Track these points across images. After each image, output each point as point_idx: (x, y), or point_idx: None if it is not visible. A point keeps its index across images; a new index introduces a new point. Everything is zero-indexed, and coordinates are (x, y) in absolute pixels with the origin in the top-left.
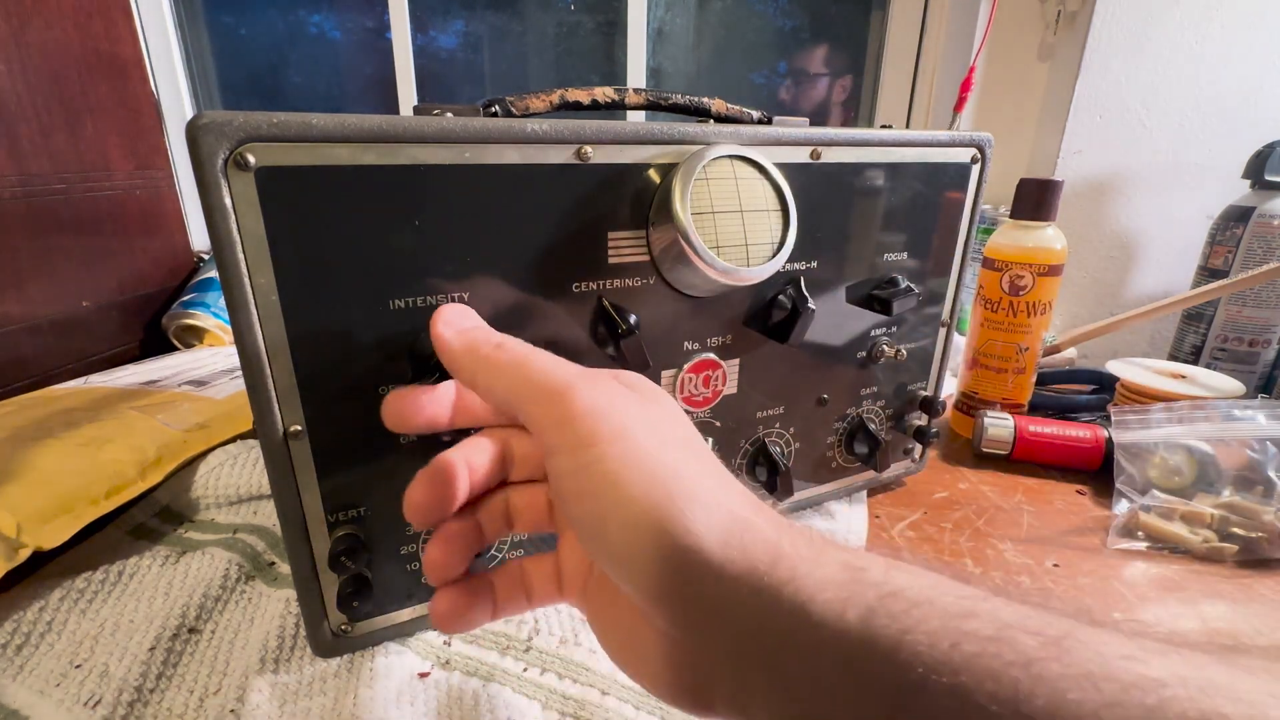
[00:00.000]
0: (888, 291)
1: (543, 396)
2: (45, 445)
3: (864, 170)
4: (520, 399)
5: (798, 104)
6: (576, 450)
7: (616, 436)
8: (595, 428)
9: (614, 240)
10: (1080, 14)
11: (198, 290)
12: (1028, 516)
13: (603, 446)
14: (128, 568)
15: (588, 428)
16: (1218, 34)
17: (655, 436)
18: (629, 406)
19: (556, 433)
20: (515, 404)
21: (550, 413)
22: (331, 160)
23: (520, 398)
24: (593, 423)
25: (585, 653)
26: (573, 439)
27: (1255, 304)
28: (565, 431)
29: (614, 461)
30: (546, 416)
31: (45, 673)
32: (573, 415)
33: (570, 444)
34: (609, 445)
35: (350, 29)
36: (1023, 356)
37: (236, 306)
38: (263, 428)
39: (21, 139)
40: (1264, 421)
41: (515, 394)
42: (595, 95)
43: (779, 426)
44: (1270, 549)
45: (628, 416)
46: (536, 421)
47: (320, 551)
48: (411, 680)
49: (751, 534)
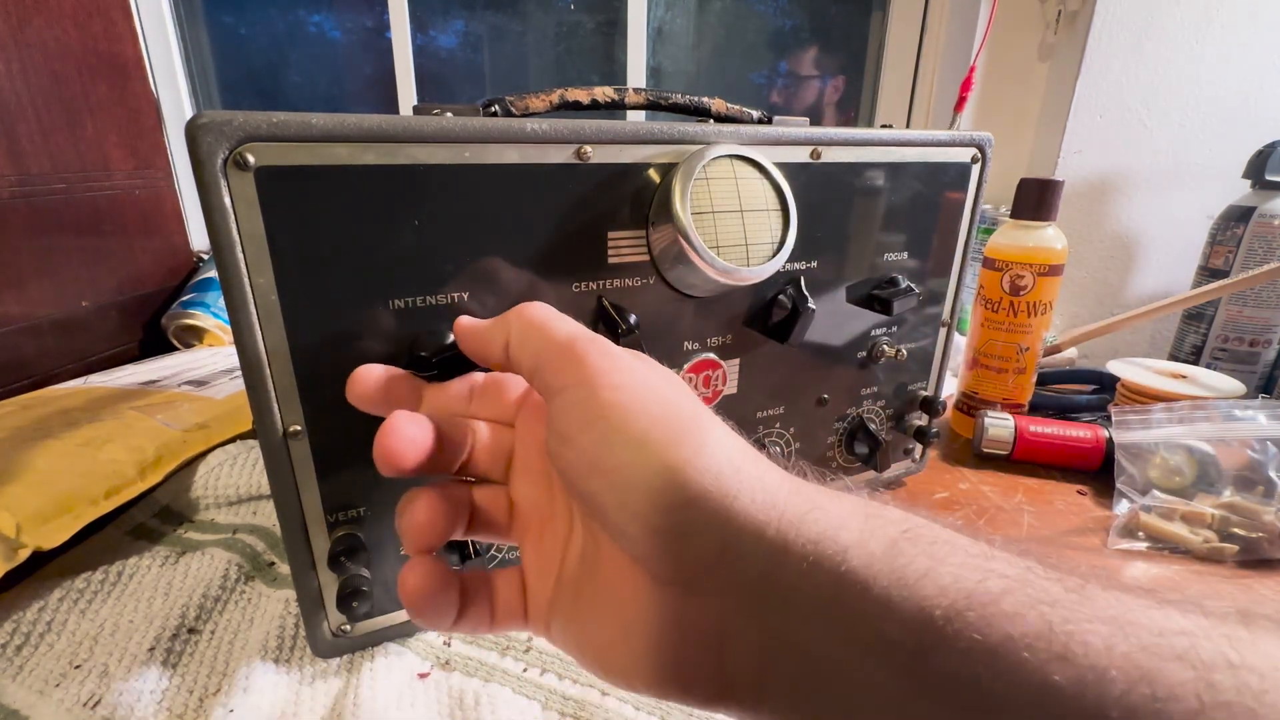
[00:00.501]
0: (888, 291)
1: (559, 347)
2: (45, 445)
3: (864, 170)
4: (540, 355)
5: (800, 103)
6: (585, 382)
7: (627, 370)
8: (608, 364)
9: (614, 240)
10: (1080, 14)
11: (197, 290)
12: (1028, 517)
13: (613, 376)
14: (127, 568)
15: (599, 363)
16: (1218, 34)
17: (663, 378)
18: (637, 357)
19: (570, 371)
20: (538, 361)
21: (564, 355)
22: (331, 160)
23: (540, 354)
24: (605, 360)
25: None
26: (583, 374)
27: (1256, 304)
28: (577, 369)
29: (625, 391)
30: (560, 359)
31: (45, 673)
32: (586, 353)
33: (580, 379)
34: (620, 375)
35: (350, 29)
36: (1023, 356)
37: (236, 306)
38: (262, 428)
39: (21, 139)
40: (1264, 421)
41: (538, 352)
42: (595, 95)
43: (779, 426)
44: (1271, 549)
45: (638, 359)
46: (550, 369)
47: (320, 551)
48: (411, 680)
49: (763, 465)
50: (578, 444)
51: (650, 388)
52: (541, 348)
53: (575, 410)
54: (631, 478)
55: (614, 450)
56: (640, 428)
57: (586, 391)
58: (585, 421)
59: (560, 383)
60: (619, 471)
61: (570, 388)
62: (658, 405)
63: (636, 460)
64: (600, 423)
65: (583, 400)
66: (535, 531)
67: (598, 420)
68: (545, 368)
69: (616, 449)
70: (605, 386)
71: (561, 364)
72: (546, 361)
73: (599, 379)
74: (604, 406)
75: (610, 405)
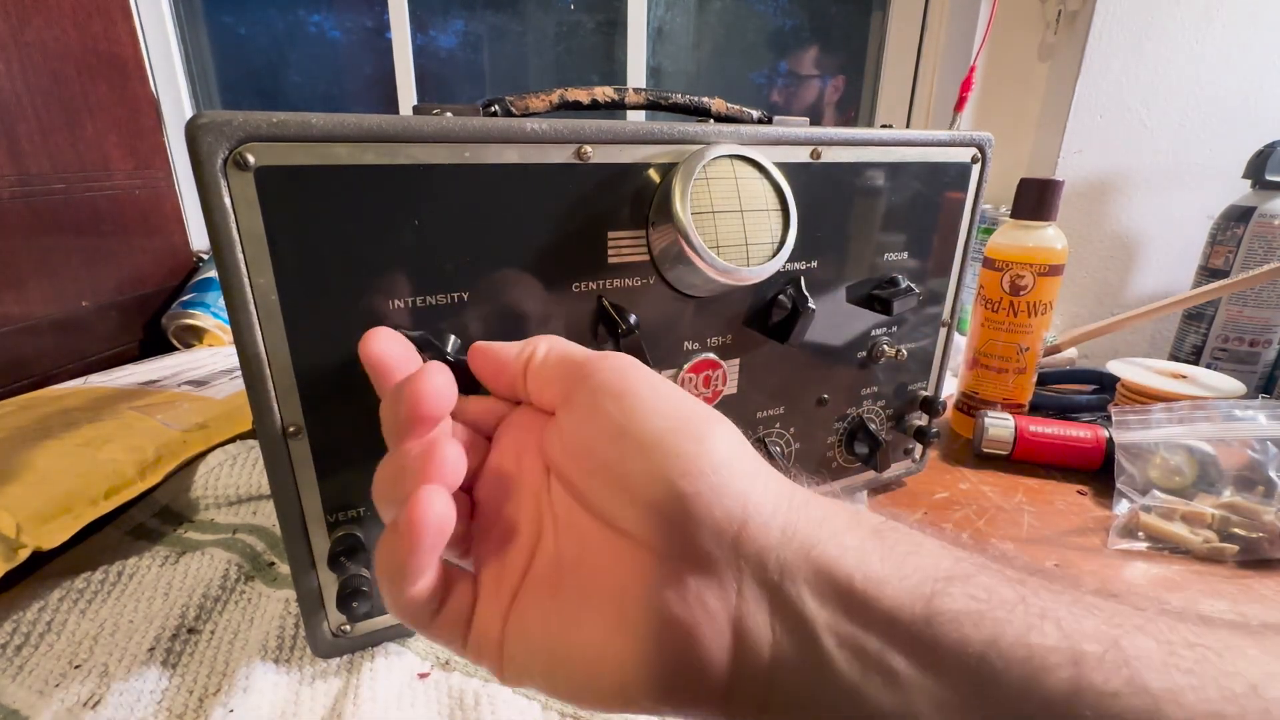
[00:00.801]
0: (888, 291)
1: (571, 368)
2: (45, 445)
3: (864, 170)
4: (565, 367)
5: (800, 102)
6: (604, 387)
7: (645, 378)
8: (629, 363)
9: (614, 240)
10: (1080, 14)
11: (197, 290)
12: (1028, 517)
13: (633, 371)
14: (127, 568)
15: (620, 361)
16: (1218, 34)
17: (677, 389)
18: (650, 370)
19: (597, 369)
20: (563, 371)
21: (576, 373)
22: (331, 160)
23: (565, 366)
24: (624, 361)
25: None
26: (604, 371)
27: (1256, 304)
28: (595, 377)
29: (644, 384)
30: (573, 376)
31: (45, 673)
32: (600, 368)
33: (604, 372)
34: (639, 372)
35: (350, 29)
36: (1023, 356)
37: (236, 306)
38: (262, 427)
39: (21, 139)
40: (1264, 421)
41: (557, 381)
42: (595, 95)
43: (779, 426)
44: (1271, 549)
45: (652, 373)
46: (563, 387)
47: (320, 551)
48: (411, 680)
49: (770, 471)
50: (603, 416)
51: (670, 391)
52: (567, 362)
53: (605, 389)
54: (663, 440)
55: (643, 418)
56: (669, 409)
57: (614, 376)
58: (614, 395)
59: (588, 383)
60: (647, 435)
61: (596, 374)
62: (678, 403)
63: (666, 426)
64: (628, 397)
65: (607, 384)
66: (494, 542)
67: (625, 395)
68: (570, 376)
69: (642, 417)
70: (630, 377)
71: (590, 368)
72: (572, 372)
73: (625, 371)
74: (633, 383)
75: (637, 381)
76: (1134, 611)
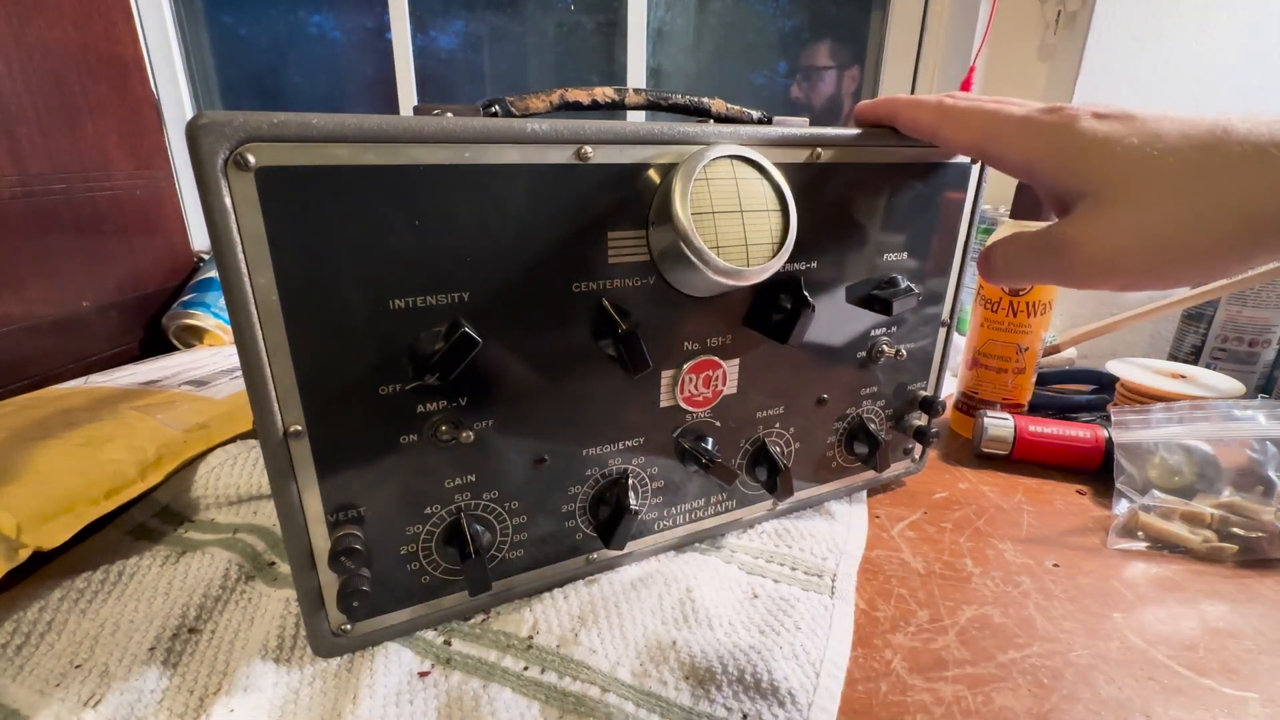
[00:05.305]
0: (888, 291)
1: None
2: (45, 445)
3: (864, 170)
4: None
5: (808, 101)
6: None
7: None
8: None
9: (614, 240)
10: (1080, 14)
11: (198, 290)
12: (1028, 516)
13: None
14: (128, 568)
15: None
16: (1218, 34)
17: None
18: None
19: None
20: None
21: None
22: (331, 160)
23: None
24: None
25: (585, 651)
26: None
27: (1255, 304)
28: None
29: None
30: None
31: (45, 673)
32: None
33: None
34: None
35: (350, 29)
36: (1022, 356)
37: (236, 306)
38: (263, 427)
39: (21, 139)
40: (1264, 421)
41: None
42: (595, 95)
43: (779, 426)
44: (1270, 549)
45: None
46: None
47: (320, 551)
48: (411, 680)
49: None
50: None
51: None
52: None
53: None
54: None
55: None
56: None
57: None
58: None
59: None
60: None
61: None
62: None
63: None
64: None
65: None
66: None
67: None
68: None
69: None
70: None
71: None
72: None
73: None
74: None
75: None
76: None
